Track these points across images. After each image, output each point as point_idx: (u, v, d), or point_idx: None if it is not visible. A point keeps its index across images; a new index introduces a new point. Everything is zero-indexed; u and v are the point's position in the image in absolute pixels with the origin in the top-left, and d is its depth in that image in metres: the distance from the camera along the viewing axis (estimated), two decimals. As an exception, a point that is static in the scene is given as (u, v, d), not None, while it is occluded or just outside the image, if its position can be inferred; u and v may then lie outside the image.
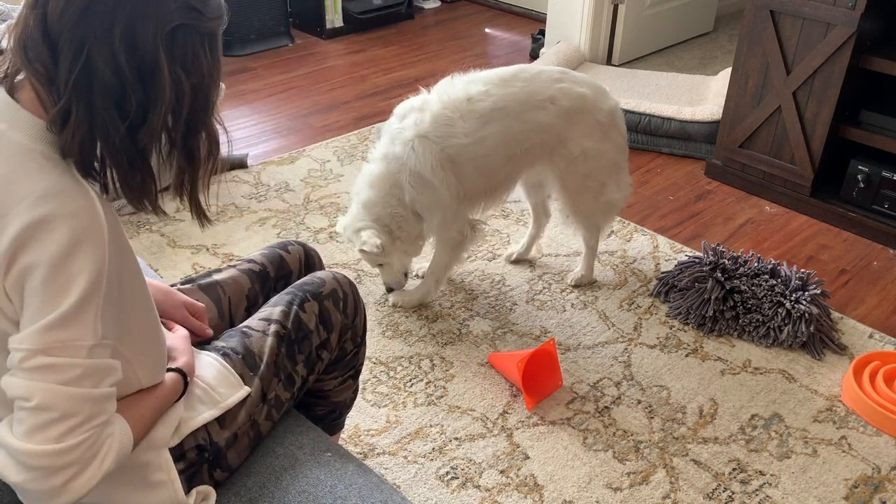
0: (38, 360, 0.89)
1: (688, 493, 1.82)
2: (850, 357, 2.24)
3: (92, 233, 0.91)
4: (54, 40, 0.87)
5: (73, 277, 0.89)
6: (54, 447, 0.89)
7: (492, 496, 1.80)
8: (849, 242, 2.82)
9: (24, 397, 0.89)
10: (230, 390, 1.22)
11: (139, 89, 0.90)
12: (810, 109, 2.83)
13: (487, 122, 2.13)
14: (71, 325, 0.89)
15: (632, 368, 2.19)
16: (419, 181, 2.15)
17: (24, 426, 0.89)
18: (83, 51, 0.87)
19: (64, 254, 0.88)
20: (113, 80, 0.89)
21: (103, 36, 0.87)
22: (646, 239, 2.79)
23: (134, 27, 0.88)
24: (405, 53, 4.51)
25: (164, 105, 0.92)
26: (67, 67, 0.87)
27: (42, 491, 0.90)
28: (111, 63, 0.88)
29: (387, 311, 2.40)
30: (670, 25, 4.41)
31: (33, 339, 0.88)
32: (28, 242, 0.88)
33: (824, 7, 2.65)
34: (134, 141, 0.93)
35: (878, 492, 1.84)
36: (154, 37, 0.89)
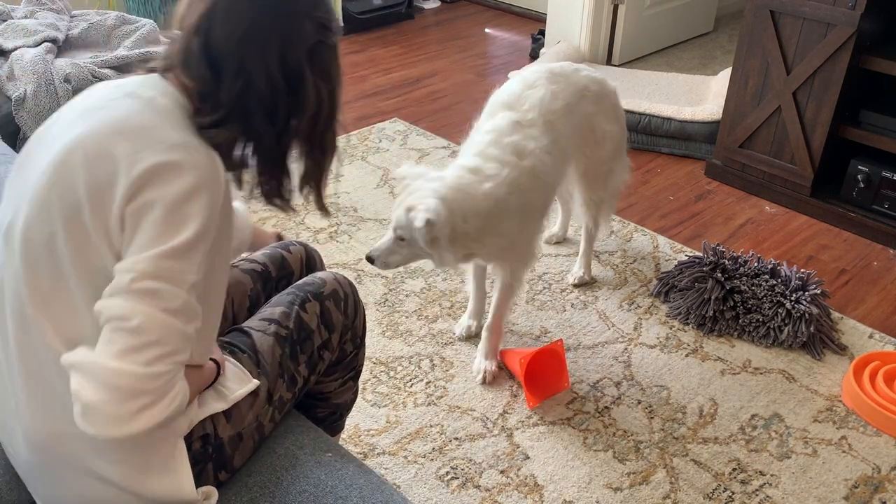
0: (147, 283, 0.96)
1: (688, 493, 1.82)
2: (850, 357, 2.24)
3: (212, 187, 1.02)
4: (217, 63, 1.03)
5: (190, 217, 0.98)
6: (143, 370, 0.94)
7: (492, 496, 1.80)
8: (849, 242, 2.82)
9: (124, 317, 0.95)
10: (239, 384, 1.22)
11: (288, 99, 1.07)
12: (810, 109, 2.83)
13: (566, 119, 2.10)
14: (182, 258, 0.98)
15: (632, 368, 2.19)
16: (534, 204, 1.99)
17: (117, 346, 0.94)
18: (244, 71, 1.03)
19: (187, 195, 0.98)
20: (268, 93, 1.05)
21: (261, 57, 1.04)
22: (646, 239, 2.79)
23: (284, 48, 1.05)
24: (405, 53, 4.51)
25: (308, 111, 1.10)
26: (229, 85, 1.04)
27: (115, 415, 0.94)
28: (267, 79, 1.04)
29: (387, 311, 2.40)
30: (670, 25, 4.41)
31: (147, 263, 0.96)
32: (156, 178, 0.98)
33: (824, 7, 2.65)
34: (280, 144, 1.11)
35: (878, 492, 1.84)
36: (299, 54, 1.06)
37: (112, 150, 1.00)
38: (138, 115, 1.04)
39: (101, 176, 0.99)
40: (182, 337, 0.99)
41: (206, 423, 1.17)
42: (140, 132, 1.01)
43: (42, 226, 1.02)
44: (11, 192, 1.11)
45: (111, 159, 0.99)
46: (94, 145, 1.01)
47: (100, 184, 0.99)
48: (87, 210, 0.99)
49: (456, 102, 3.87)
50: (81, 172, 1.00)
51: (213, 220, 1.02)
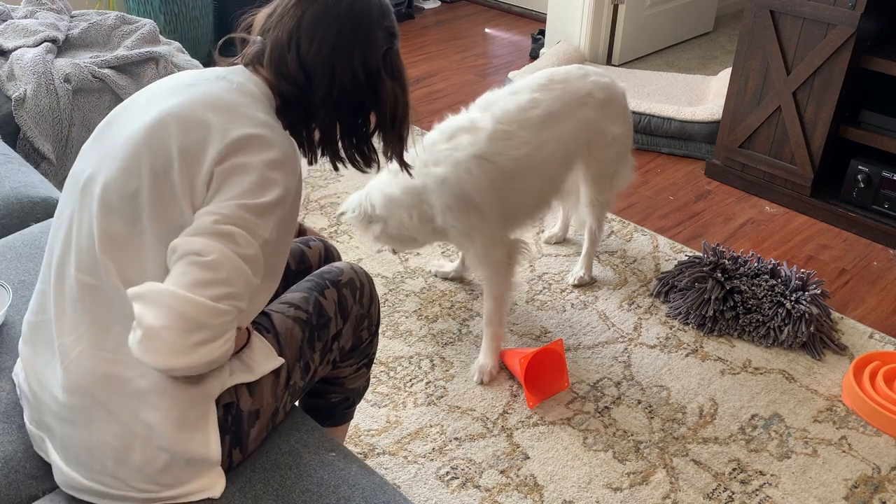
0: (227, 226, 1.06)
1: (688, 493, 1.82)
2: (850, 357, 2.24)
3: (293, 164, 1.15)
4: (309, 72, 1.20)
5: (274, 183, 1.10)
6: (211, 304, 1.02)
7: (492, 496, 1.80)
8: (849, 242, 2.82)
9: (201, 252, 1.03)
10: (266, 360, 1.24)
11: (370, 97, 1.26)
12: (810, 109, 2.83)
13: (544, 127, 2.11)
14: (262, 216, 1.09)
15: (632, 368, 2.19)
16: (463, 205, 2.02)
17: (189, 277, 1.02)
18: (335, 77, 1.21)
19: (273, 164, 1.11)
20: (354, 93, 1.24)
21: (349, 66, 1.22)
22: (646, 239, 2.79)
23: (365, 55, 1.23)
24: (405, 53, 4.51)
25: (387, 107, 1.29)
26: (324, 90, 1.21)
27: (174, 343, 1.00)
28: (354, 82, 1.23)
29: (387, 311, 2.40)
30: (670, 25, 4.41)
31: (230, 210, 1.07)
32: (247, 146, 1.10)
33: (824, 7, 2.65)
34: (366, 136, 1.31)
35: (878, 492, 1.84)
36: (376, 59, 1.24)
37: (206, 118, 1.11)
38: (229, 94, 1.16)
39: (194, 138, 1.10)
40: (248, 283, 1.08)
41: (231, 391, 1.20)
42: (232, 108, 1.14)
43: (129, 179, 1.10)
44: (91, 153, 1.19)
45: (205, 125, 1.11)
46: (189, 112, 1.12)
47: (192, 144, 1.09)
48: (176, 167, 1.09)
49: (456, 102, 3.88)
50: (175, 134, 1.10)
51: (291, 193, 1.14)
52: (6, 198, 1.92)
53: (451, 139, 2.05)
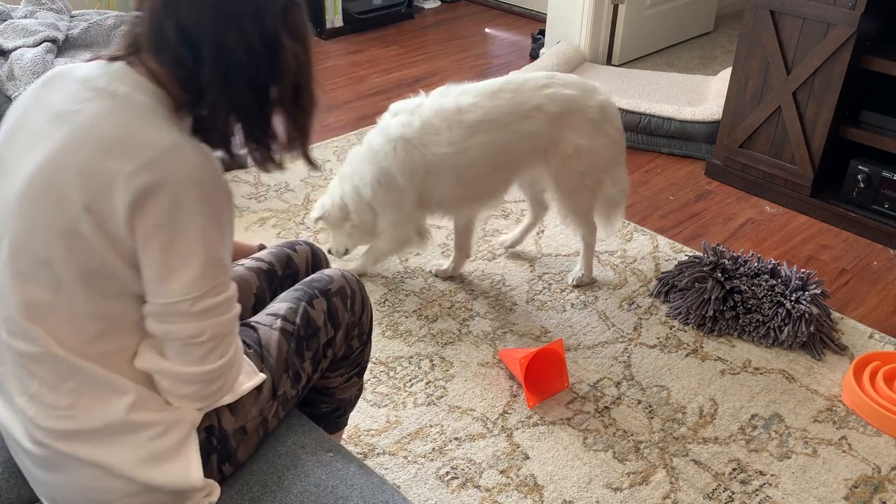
0: (204, 303, 1.04)
1: (688, 493, 1.82)
2: (850, 357, 2.24)
3: (210, 181, 1.02)
4: (194, 43, 1.01)
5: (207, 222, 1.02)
6: (222, 362, 1.09)
7: (492, 496, 1.80)
8: (849, 242, 2.82)
9: (196, 335, 1.05)
10: (245, 377, 1.23)
11: (268, 65, 1.06)
12: (810, 109, 2.83)
13: (474, 133, 2.17)
14: (219, 264, 1.05)
15: (632, 368, 2.19)
16: (387, 180, 2.23)
17: (194, 355, 1.06)
18: (223, 44, 1.01)
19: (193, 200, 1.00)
20: (248, 62, 1.04)
21: (238, 29, 1.01)
22: (646, 239, 2.79)
23: (258, 14, 1.03)
24: (405, 53, 4.51)
25: (289, 73, 1.08)
26: (212, 64, 1.02)
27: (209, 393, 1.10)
28: (246, 48, 1.03)
29: (387, 311, 2.40)
30: (670, 25, 4.41)
31: (195, 287, 1.03)
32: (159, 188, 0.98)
33: (824, 7, 2.65)
34: (264, 112, 1.11)
35: (878, 492, 1.84)
36: (273, 18, 1.04)
37: (105, 166, 0.98)
38: (120, 120, 1.01)
39: (98, 190, 0.98)
40: (236, 318, 1.12)
41: (211, 414, 1.18)
42: (128, 142, 0.99)
43: (36, 245, 1.02)
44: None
45: (106, 173, 0.98)
46: (84, 160, 0.99)
47: (97, 198, 0.99)
48: (86, 226, 0.99)
49: (456, 102, 3.87)
50: (75, 188, 0.99)
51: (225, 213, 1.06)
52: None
53: (395, 116, 2.24)
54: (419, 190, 2.24)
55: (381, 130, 2.24)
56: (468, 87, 2.23)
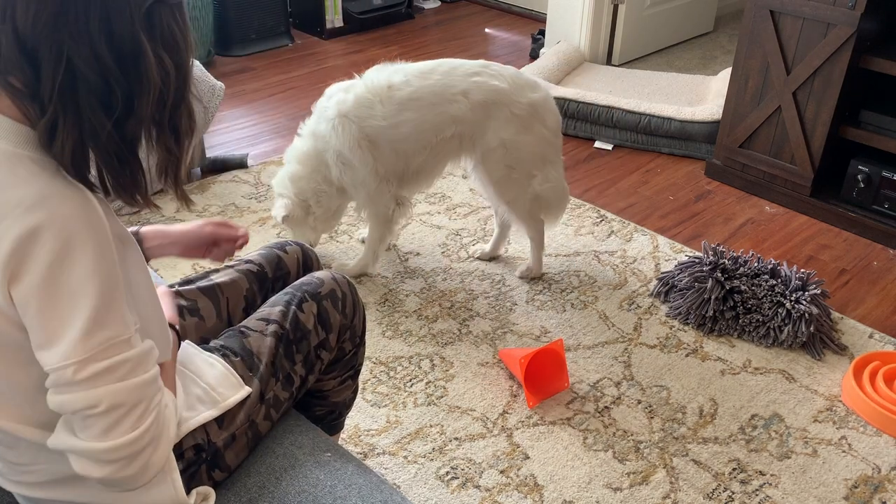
0: (91, 368, 0.89)
1: (688, 493, 1.82)
2: (850, 357, 2.24)
3: (94, 231, 0.89)
4: (32, 52, 0.84)
5: (87, 277, 0.88)
6: (131, 436, 0.92)
7: (492, 496, 1.80)
8: (849, 242, 2.82)
9: (90, 406, 0.90)
10: (230, 391, 1.22)
11: (124, 81, 0.87)
12: (810, 109, 2.83)
13: (403, 109, 2.26)
14: (106, 324, 0.90)
15: (632, 368, 2.19)
16: (342, 159, 2.31)
17: (96, 429, 0.91)
18: (63, 56, 0.83)
19: (72, 258, 0.87)
20: (97, 79, 0.86)
21: (81, 35, 0.83)
22: (646, 239, 2.79)
23: (110, 18, 0.84)
24: (405, 53, 4.51)
25: (152, 90, 0.89)
26: (51, 77, 0.84)
27: (129, 476, 0.94)
28: (93, 61, 0.85)
29: (387, 310, 2.40)
30: (670, 25, 4.41)
31: (78, 351, 0.88)
32: (29, 253, 0.86)
33: (824, 7, 2.65)
34: (122, 135, 0.90)
35: (878, 492, 1.84)
36: (132, 21, 0.86)
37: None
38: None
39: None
40: (151, 383, 0.95)
41: (198, 431, 1.17)
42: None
43: None
44: None
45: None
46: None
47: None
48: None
49: (456, 102, 3.87)
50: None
51: (111, 263, 0.91)
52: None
53: (330, 98, 2.31)
54: (369, 162, 2.30)
55: (319, 116, 2.32)
56: (402, 66, 2.32)
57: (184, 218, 2.77)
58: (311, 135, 2.35)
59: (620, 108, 3.40)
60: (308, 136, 2.37)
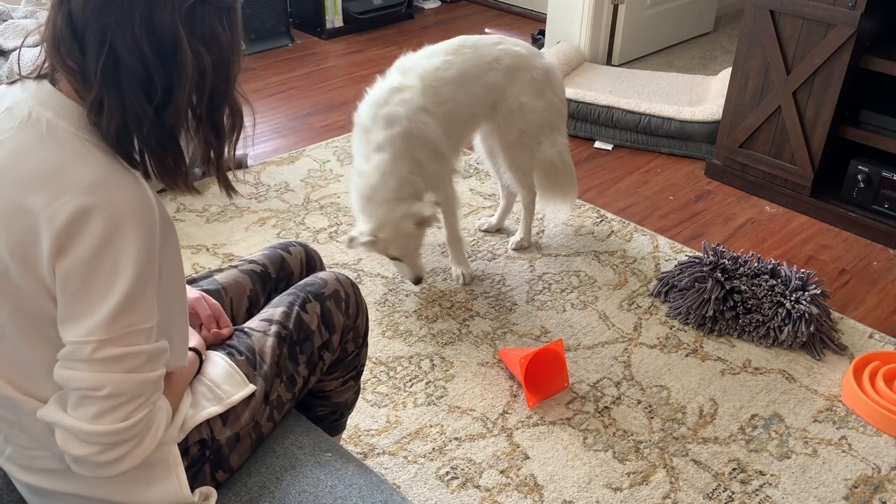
0: (109, 350, 0.93)
1: (688, 493, 1.82)
2: (850, 357, 2.24)
3: (142, 217, 0.94)
4: (80, 34, 0.91)
5: (126, 262, 0.92)
6: (122, 425, 0.95)
7: (492, 496, 1.80)
8: (849, 242, 2.82)
9: (93, 388, 0.93)
10: (235, 388, 1.22)
11: (162, 71, 0.93)
12: (810, 109, 2.83)
13: (457, 87, 2.31)
14: (134, 310, 0.94)
15: (632, 368, 2.19)
16: (432, 151, 2.27)
17: (91, 410, 0.94)
18: (106, 40, 0.90)
19: (116, 239, 0.91)
20: (137, 65, 0.91)
21: (124, 22, 0.89)
22: (646, 239, 2.79)
23: (152, 10, 0.90)
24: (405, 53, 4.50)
25: (188, 82, 0.94)
26: (94, 59, 0.90)
27: (104, 462, 0.97)
28: (133, 49, 0.91)
29: (387, 311, 2.40)
30: (670, 25, 4.41)
31: (103, 330, 0.92)
32: (79, 229, 0.90)
33: (824, 7, 2.65)
34: (162, 122, 0.96)
35: (878, 492, 1.84)
36: (172, 16, 0.91)
37: (27, 204, 0.92)
38: (43, 153, 0.93)
39: (22, 232, 0.93)
40: (154, 382, 0.99)
41: (203, 427, 1.17)
42: (51, 177, 0.92)
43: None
44: None
45: (28, 213, 0.92)
46: (6, 201, 0.93)
47: (22, 241, 0.93)
48: (14, 269, 0.95)
49: (456, 102, 3.87)
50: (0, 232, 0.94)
51: (153, 254, 0.96)
52: None
53: (388, 102, 2.23)
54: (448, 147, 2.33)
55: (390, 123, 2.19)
56: (429, 50, 2.35)
57: (182, 218, 2.77)
58: (388, 144, 2.18)
59: (620, 108, 3.40)
60: (382, 148, 2.19)
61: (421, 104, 2.23)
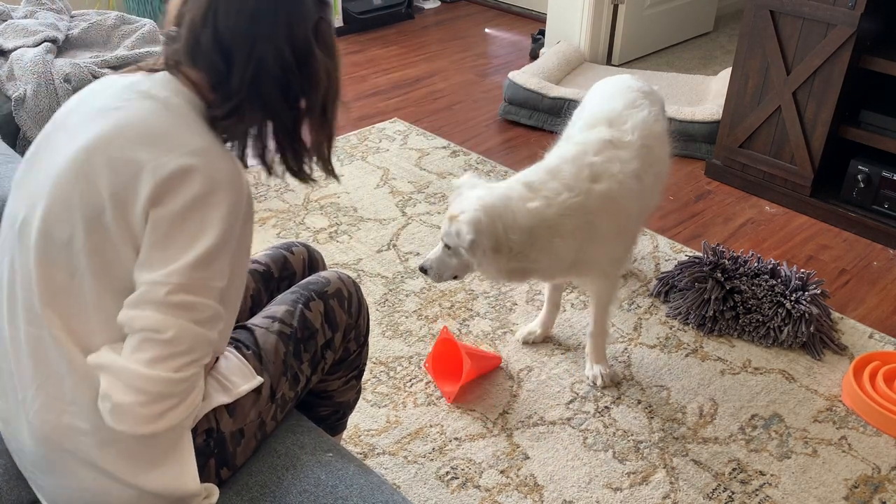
0: (182, 296, 1.00)
1: (688, 493, 1.82)
2: (850, 357, 2.24)
3: (233, 191, 1.05)
4: (227, 50, 1.06)
5: (213, 223, 1.02)
6: (173, 376, 1.00)
7: (492, 496, 1.80)
8: (849, 242, 2.82)
9: (158, 329, 0.99)
10: (243, 380, 1.23)
11: (299, 76, 1.11)
12: (810, 109, 2.83)
13: (665, 142, 2.08)
14: (211, 265, 1.03)
15: (632, 368, 2.19)
16: (621, 225, 1.93)
17: (148, 354, 0.99)
18: (254, 54, 1.06)
19: (209, 201, 1.02)
20: (279, 72, 1.08)
21: (270, 38, 1.06)
22: (646, 239, 2.79)
23: (291, 27, 1.08)
24: (405, 53, 4.51)
25: (320, 85, 1.13)
26: (241, 70, 1.07)
27: (144, 415, 1.00)
28: (278, 58, 1.07)
29: (387, 311, 2.40)
30: (670, 25, 4.41)
31: (180, 276, 1.00)
32: (180, 183, 1.01)
33: (824, 7, 2.65)
34: (295, 120, 1.15)
35: (878, 492, 1.84)
36: (306, 31, 1.09)
37: (135, 155, 1.02)
38: (157, 118, 1.06)
39: (125, 178, 1.02)
40: (209, 344, 1.05)
41: (210, 416, 1.18)
42: (161, 137, 1.04)
43: (62, 225, 1.05)
44: (23, 189, 1.13)
45: (135, 163, 1.02)
46: (117, 148, 1.03)
47: (123, 186, 1.02)
48: (109, 212, 1.02)
49: (456, 102, 3.88)
50: (104, 174, 1.03)
51: (236, 223, 1.06)
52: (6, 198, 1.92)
53: (601, 153, 1.89)
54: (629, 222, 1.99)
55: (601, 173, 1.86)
56: (625, 101, 2.04)
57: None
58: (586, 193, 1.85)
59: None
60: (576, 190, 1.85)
61: (636, 169, 1.91)
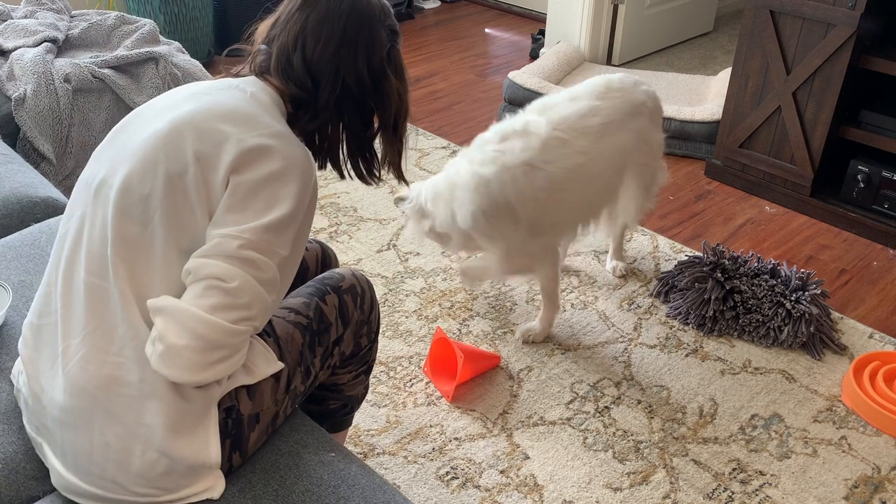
0: (251, 252, 1.08)
1: (688, 493, 1.82)
2: (850, 357, 2.24)
3: (306, 175, 1.17)
4: (315, 74, 1.25)
5: (288, 196, 1.12)
6: (231, 327, 1.07)
7: (492, 496, 1.80)
8: (849, 242, 2.82)
9: (224, 278, 1.07)
10: (265, 364, 1.24)
11: (375, 96, 1.30)
12: (810, 109, 2.83)
13: (602, 136, 2.08)
14: (281, 233, 1.12)
15: (632, 368, 2.19)
16: (500, 211, 2.00)
17: (210, 301, 1.06)
18: (339, 78, 1.25)
19: (287, 176, 1.13)
20: (358, 93, 1.28)
21: (352, 64, 1.26)
22: (646, 239, 2.79)
23: (369, 54, 1.27)
24: (405, 53, 4.48)
25: (392, 104, 1.32)
26: (329, 90, 1.25)
27: (194, 361, 1.06)
28: (358, 82, 1.27)
29: (387, 311, 2.40)
30: (670, 25, 4.41)
31: (253, 233, 1.09)
32: (261, 156, 1.12)
33: (824, 7, 2.65)
34: (369, 135, 1.34)
35: (878, 492, 1.84)
36: (381, 55, 1.29)
37: (222, 129, 1.13)
38: (244, 104, 1.19)
39: (211, 144, 1.12)
40: (265, 306, 1.12)
41: (231, 395, 1.20)
42: (247, 118, 1.16)
43: (143, 181, 1.12)
44: (104, 156, 1.20)
45: (221, 132, 1.13)
46: (204, 122, 1.14)
47: (208, 151, 1.12)
48: (191, 172, 1.11)
49: (456, 102, 3.88)
50: (191, 140, 1.12)
51: (305, 204, 1.16)
52: (6, 198, 1.92)
53: (504, 141, 2.03)
54: (538, 215, 2.04)
55: (492, 160, 2.00)
56: (574, 93, 2.13)
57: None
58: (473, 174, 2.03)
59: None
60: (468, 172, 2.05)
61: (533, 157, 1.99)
